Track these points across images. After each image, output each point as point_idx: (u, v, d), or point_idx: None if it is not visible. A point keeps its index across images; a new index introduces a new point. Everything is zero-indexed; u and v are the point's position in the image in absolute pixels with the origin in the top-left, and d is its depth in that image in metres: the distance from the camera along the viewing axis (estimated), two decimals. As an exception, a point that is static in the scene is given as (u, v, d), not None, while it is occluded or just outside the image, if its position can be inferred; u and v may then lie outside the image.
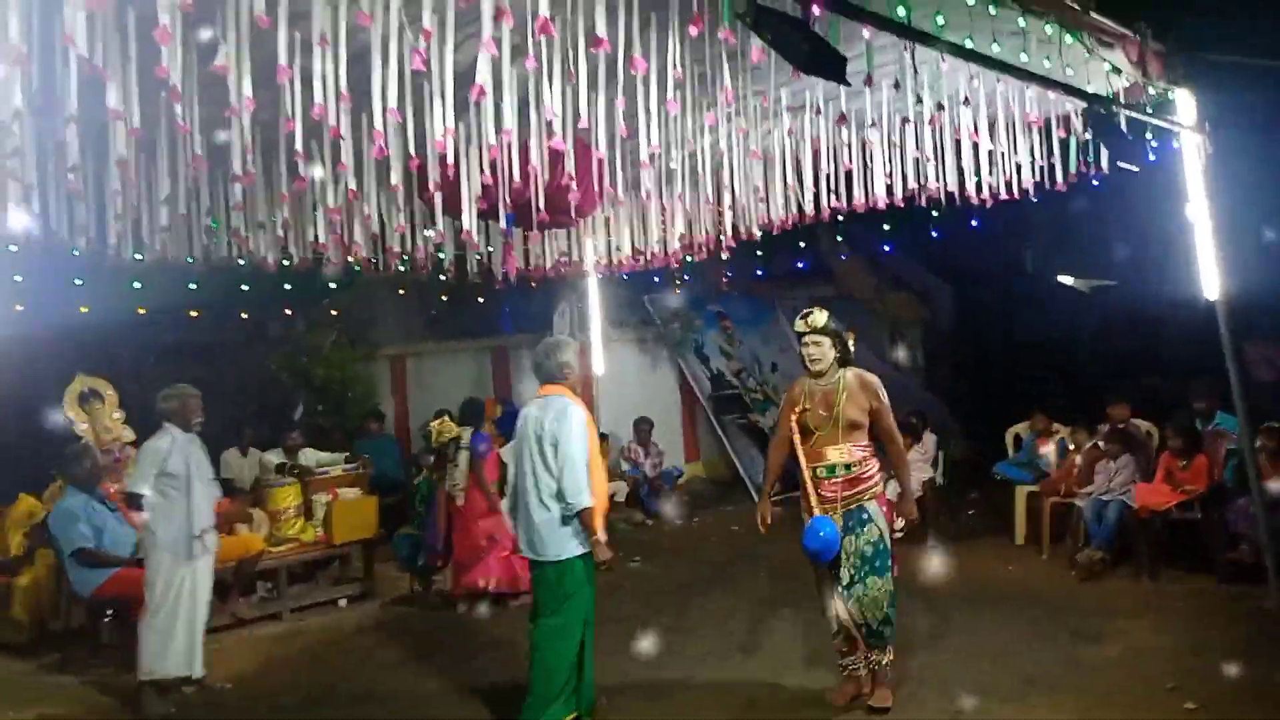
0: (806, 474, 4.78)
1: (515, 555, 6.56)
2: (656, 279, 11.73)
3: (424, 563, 7.69)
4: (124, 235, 5.87)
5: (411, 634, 6.82)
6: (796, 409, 4.82)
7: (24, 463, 7.67)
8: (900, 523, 4.81)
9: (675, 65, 4.23)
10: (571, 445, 4.54)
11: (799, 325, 4.86)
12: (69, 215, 5.44)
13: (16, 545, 7.13)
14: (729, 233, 7.15)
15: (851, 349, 4.92)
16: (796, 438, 4.80)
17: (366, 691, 5.64)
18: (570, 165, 4.71)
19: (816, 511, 4.72)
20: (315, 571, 7.90)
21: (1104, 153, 6.23)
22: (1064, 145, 6.48)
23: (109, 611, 6.36)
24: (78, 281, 8.13)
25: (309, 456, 8.77)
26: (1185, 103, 6.06)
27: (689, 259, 8.02)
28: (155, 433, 5.60)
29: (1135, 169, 5.90)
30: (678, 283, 12.93)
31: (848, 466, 4.73)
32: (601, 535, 4.63)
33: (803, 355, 4.86)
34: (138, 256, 6.17)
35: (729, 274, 13.58)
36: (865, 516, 4.73)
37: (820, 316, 4.81)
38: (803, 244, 8.03)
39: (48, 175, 5.07)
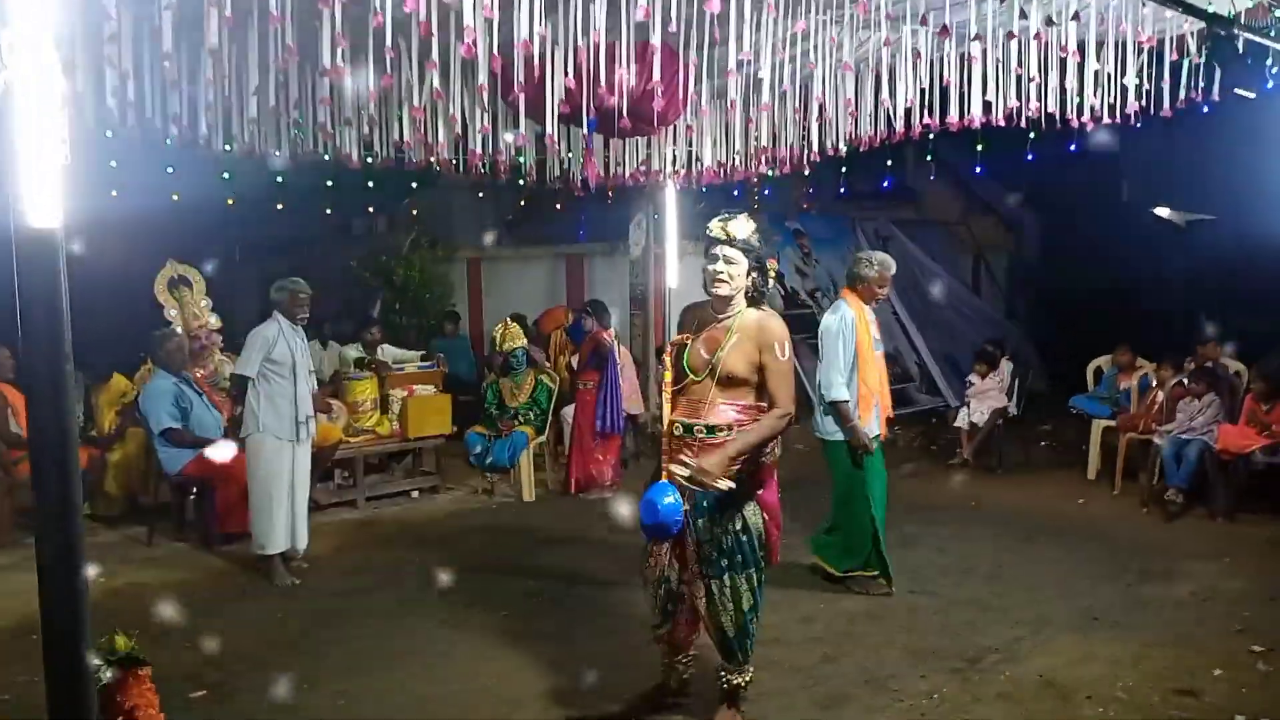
0: (665, 427, 3.76)
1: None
2: (736, 193, 11.55)
3: (491, 461, 7.89)
4: (214, 126, 5.95)
5: (479, 528, 7.03)
6: (679, 338, 3.82)
7: (117, 343, 7.97)
8: (683, 471, 3.56)
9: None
10: (824, 344, 5.42)
11: (713, 228, 3.72)
12: (162, 103, 5.52)
13: (109, 423, 7.48)
14: (814, 148, 6.98)
15: (769, 285, 3.80)
16: (667, 378, 3.77)
17: (434, 578, 5.85)
18: (657, 70, 4.61)
19: (663, 477, 3.69)
20: (390, 463, 8.16)
21: (1218, 77, 5.90)
22: (1175, 68, 6.14)
23: (194, 490, 6.67)
24: (170, 170, 8.31)
25: (387, 353, 8.99)
26: (1313, 26, 5.68)
27: (771, 173, 7.86)
28: (264, 321, 5.88)
29: (1252, 95, 5.59)
30: (756, 199, 12.72)
31: (711, 429, 3.64)
32: (859, 424, 5.28)
33: (706, 274, 3.71)
34: (227, 148, 6.26)
35: (810, 190, 13.33)
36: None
37: (743, 225, 3.68)
38: (889, 162, 7.79)
39: (143, 62, 5.14)
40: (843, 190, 12.62)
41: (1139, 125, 6.34)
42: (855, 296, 5.50)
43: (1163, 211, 13.03)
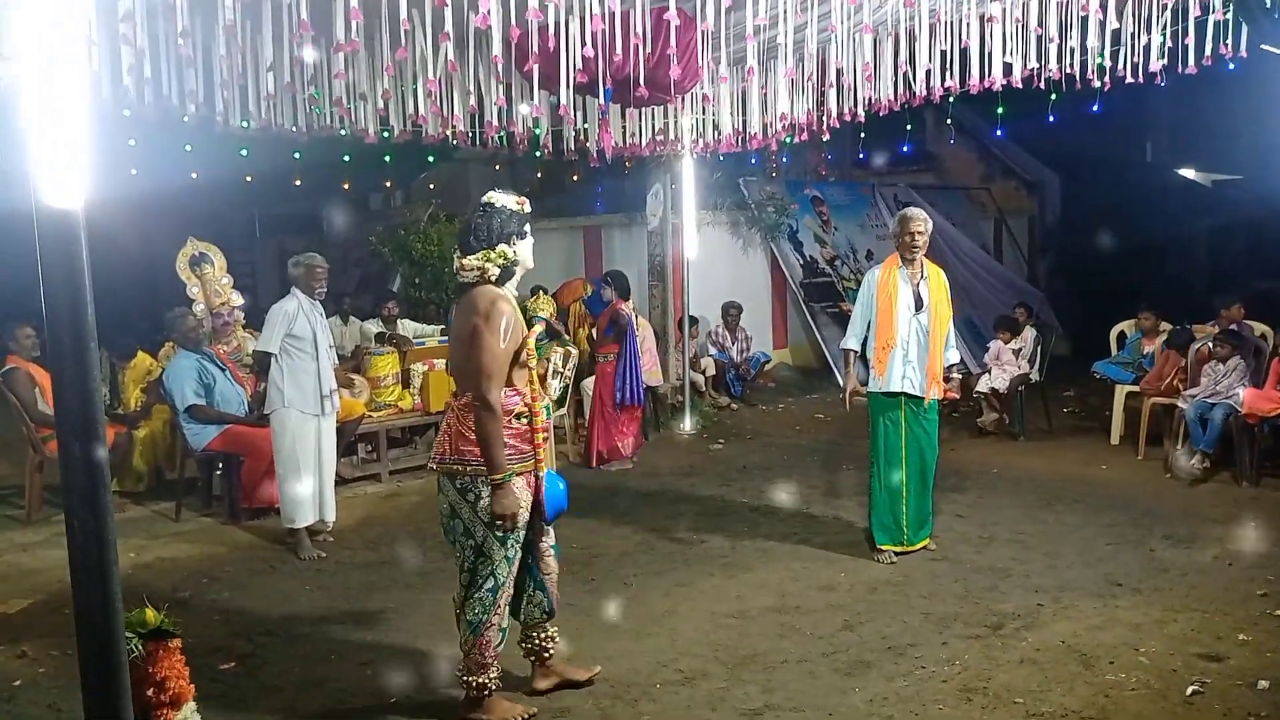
0: (540, 412, 3.69)
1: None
2: (753, 161, 11.48)
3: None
4: (231, 103, 5.97)
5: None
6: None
7: (142, 321, 8.04)
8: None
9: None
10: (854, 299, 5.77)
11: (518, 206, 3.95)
12: (179, 81, 5.53)
13: (135, 400, 7.56)
14: (832, 113, 6.91)
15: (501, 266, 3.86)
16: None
17: (459, 552, 5.89)
18: (673, 38, 4.58)
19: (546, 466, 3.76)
20: (413, 437, 8.21)
21: (1244, 33, 5.79)
22: (1199, 25, 6.03)
23: (219, 465, 6.75)
24: (188, 148, 8.33)
25: (407, 327, 9.02)
26: (1342, -20, 5.55)
27: (789, 139, 7.80)
28: (283, 297, 5.93)
29: (1279, 51, 5.49)
30: (774, 166, 12.64)
31: (547, 408, 3.75)
32: (853, 375, 5.62)
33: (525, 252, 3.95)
34: (244, 124, 6.28)
35: (828, 156, 13.22)
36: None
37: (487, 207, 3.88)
38: (909, 127, 7.70)
39: (158, 41, 5.15)
40: (861, 156, 12.51)
41: (1163, 84, 6.23)
42: (894, 255, 5.49)
43: (1188, 172, 12.85)
